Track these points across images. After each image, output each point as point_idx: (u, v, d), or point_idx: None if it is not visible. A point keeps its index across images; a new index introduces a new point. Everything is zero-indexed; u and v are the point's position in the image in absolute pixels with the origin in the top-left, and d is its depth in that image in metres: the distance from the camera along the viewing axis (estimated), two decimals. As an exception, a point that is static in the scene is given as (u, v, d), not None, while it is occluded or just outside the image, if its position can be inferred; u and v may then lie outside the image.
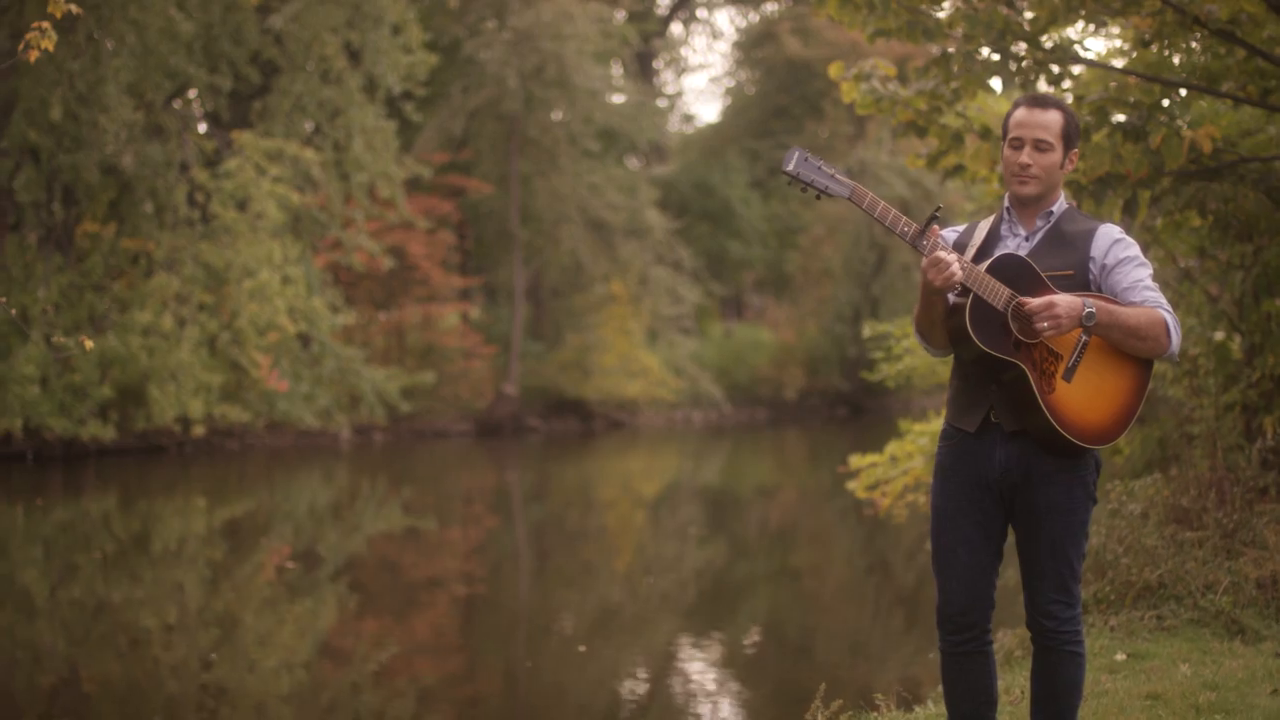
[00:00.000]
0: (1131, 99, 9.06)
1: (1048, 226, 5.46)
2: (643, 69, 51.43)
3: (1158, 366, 9.78)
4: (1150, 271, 5.42)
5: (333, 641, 12.71)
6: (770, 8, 53.02)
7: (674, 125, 55.93)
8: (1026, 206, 5.46)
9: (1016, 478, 5.34)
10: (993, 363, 5.28)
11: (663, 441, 35.97)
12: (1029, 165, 5.36)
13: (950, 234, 5.60)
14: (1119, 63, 10.65)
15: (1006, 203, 5.57)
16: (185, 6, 26.38)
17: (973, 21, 8.95)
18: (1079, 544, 5.41)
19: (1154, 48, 9.28)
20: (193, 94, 29.09)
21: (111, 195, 26.59)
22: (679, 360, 40.35)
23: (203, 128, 30.36)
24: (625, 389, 38.72)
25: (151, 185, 26.22)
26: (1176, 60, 9.41)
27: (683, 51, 57.99)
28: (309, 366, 29.48)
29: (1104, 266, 5.38)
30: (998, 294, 5.21)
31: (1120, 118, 9.17)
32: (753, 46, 51.58)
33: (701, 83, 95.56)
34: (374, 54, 29.58)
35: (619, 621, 13.92)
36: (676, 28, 56.50)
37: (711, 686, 11.13)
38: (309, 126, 29.82)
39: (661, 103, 53.22)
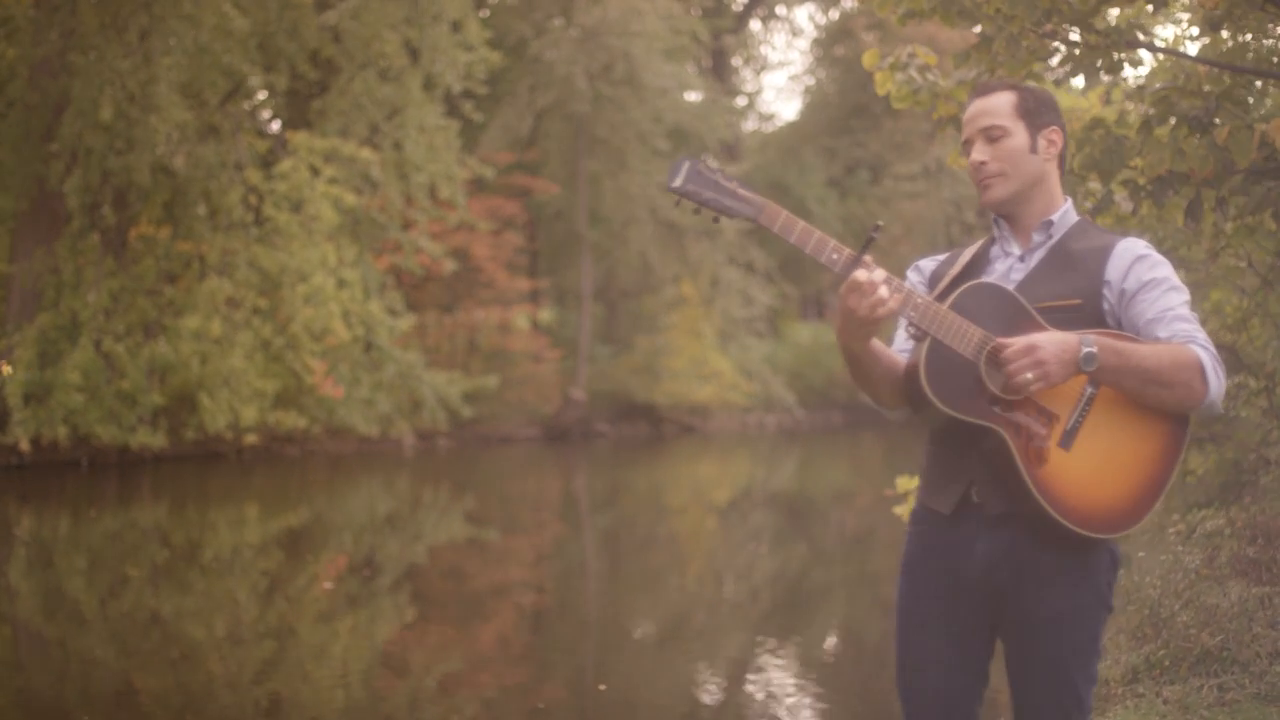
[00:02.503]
0: (1203, 88, 8.18)
1: (1049, 243, 4.34)
2: (719, 67, 51.25)
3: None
4: (1185, 298, 4.21)
5: (392, 652, 12.52)
6: (848, 4, 52.72)
7: (752, 124, 55.74)
8: (1018, 218, 4.36)
9: (1005, 577, 4.14)
10: (967, 426, 4.11)
11: (735, 446, 35.71)
12: (983, 162, 4.29)
13: (929, 264, 4.56)
14: (1191, 49, 9.53)
15: (994, 216, 4.46)
16: (240, 3, 26.29)
17: (1013, 0, 8.09)
18: (1088, 666, 4.20)
19: (1224, 31, 8.66)
20: (253, 93, 29.02)
21: (165, 197, 26.51)
22: (751, 363, 40.16)
23: (258, 128, 30.30)
24: (696, 393, 38.52)
25: (205, 187, 26.12)
26: (1250, 44, 8.81)
27: (761, 49, 57.73)
28: (368, 371, 29.34)
29: (1122, 293, 4.20)
30: (965, 336, 4.07)
31: (1186, 111, 8.56)
32: (831, 44, 51.36)
33: (781, 81, 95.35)
34: (433, 51, 29.42)
35: (691, 629, 13.71)
36: (756, 25, 56.24)
37: (790, 695, 10.85)
38: (368, 126, 29.69)
39: (739, 101, 53.05)
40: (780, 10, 56.81)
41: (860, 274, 3.95)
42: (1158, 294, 4.18)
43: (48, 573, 15.96)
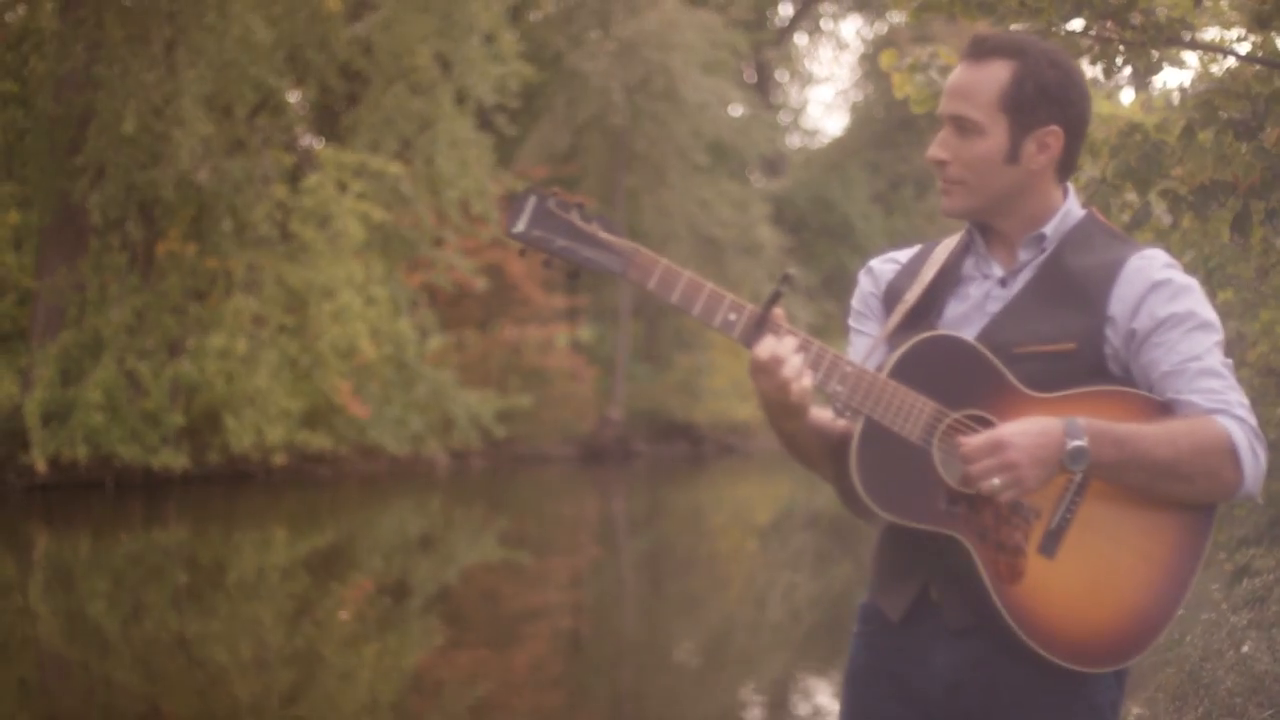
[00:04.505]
0: (1251, 90, 7.96)
1: (1040, 259, 3.40)
2: (762, 81, 51.27)
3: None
4: (1216, 338, 3.30)
5: (423, 676, 12.46)
6: (896, 17, 52.69)
7: (796, 139, 55.75)
8: (997, 231, 3.45)
9: (972, 701, 3.32)
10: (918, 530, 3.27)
11: (776, 466, 35.61)
12: (943, 161, 3.39)
13: (885, 268, 3.63)
14: (1241, 48, 9.34)
15: (969, 225, 3.56)
16: (268, 14, 26.29)
17: None
18: None
19: (1275, 30, 8.28)
20: (281, 106, 29.05)
21: (191, 213, 26.53)
22: (793, 382, 40.10)
23: (286, 142, 30.33)
24: (736, 412, 38.46)
25: (231, 202, 26.13)
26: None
27: (806, 64, 57.75)
28: (399, 390, 29.32)
29: (1131, 334, 3.28)
30: (911, 414, 3.22)
31: (1232, 114, 8.10)
32: (877, 57, 51.37)
33: (827, 96, 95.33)
34: (465, 64, 29.41)
35: (731, 653, 13.63)
36: (800, 39, 56.23)
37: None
38: (398, 140, 29.68)
39: (782, 116, 53.06)
40: (825, 24, 56.82)
41: (761, 348, 3.16)
42: (1177, 336, 3.26)
43: (70, 595, 15.95)
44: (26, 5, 26.54)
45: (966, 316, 3.42)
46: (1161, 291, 3.29)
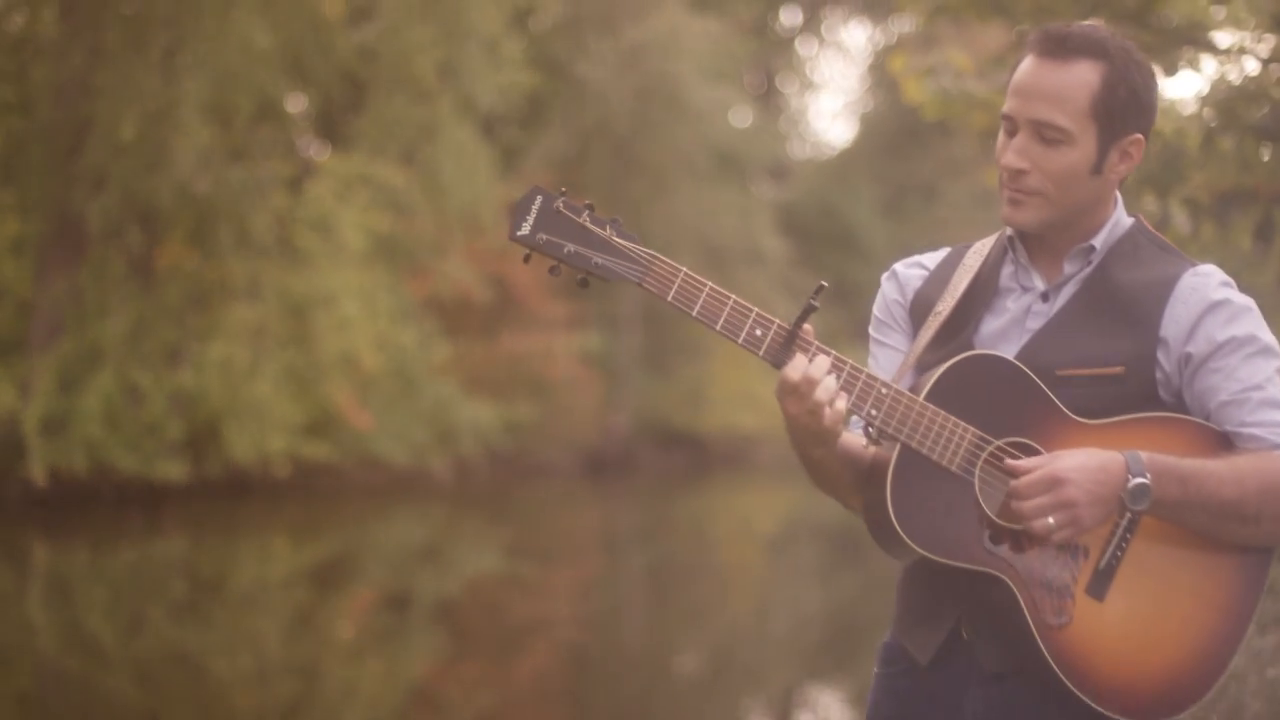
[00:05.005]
0: (1272, 94, 7.34)
1: (1086, 272, 3.17)
2: (768, 90, 51.31)
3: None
4: (1279, 364, 3.10)
5: (426, 689, 12.42)
6: (903, 24, 52.69)
7: (802, 148, 55.76)
8: (1047, 242, 3.20)
9: None
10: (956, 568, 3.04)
11: (782, 476, 35.57)
12: (1021, 171, 3.09)
13: (912, 274, 3.42)
14: (1264, 49, 9.09)
15: (1010, 231, 3.27)
16: (269, 21, 26.24)
17: None
18: None
19: None
20: (282, 114, 29.02)
21: (191, 221, 26.47)
22: (798, 390, 40.08)
23: (287, 149, 30.29)
24: (741, 422, 38.39)
25: (231, 210, 26.08)
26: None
27: (810, 73, 57.79)
28: (401, 401, 29.27)
29: (1185, 359, 3.07)
30: (951, 441, 3.00)
31: (1253, 119, 7.85)
32: (883, 65, 51.35)
33: (835, 106, 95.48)
34: (467, 72, 29.37)
35: (736, 665, 13.59)
36: (808, 48, 56.23)
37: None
38: (400, 148, 29.64)
39: (787, 124, 53.13)
40: (831, 32, 56.80)
41: (793, 369, 2.96)
42: (1237, 361, 3.05)
43: (69, 607, 15.91)
44: (27, 12, 26.48)
45: (1004, 332, 3.19)
46: (1219, 313, 3.08)
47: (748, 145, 41.17)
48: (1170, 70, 7.61)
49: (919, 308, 3.32)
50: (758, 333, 3.02)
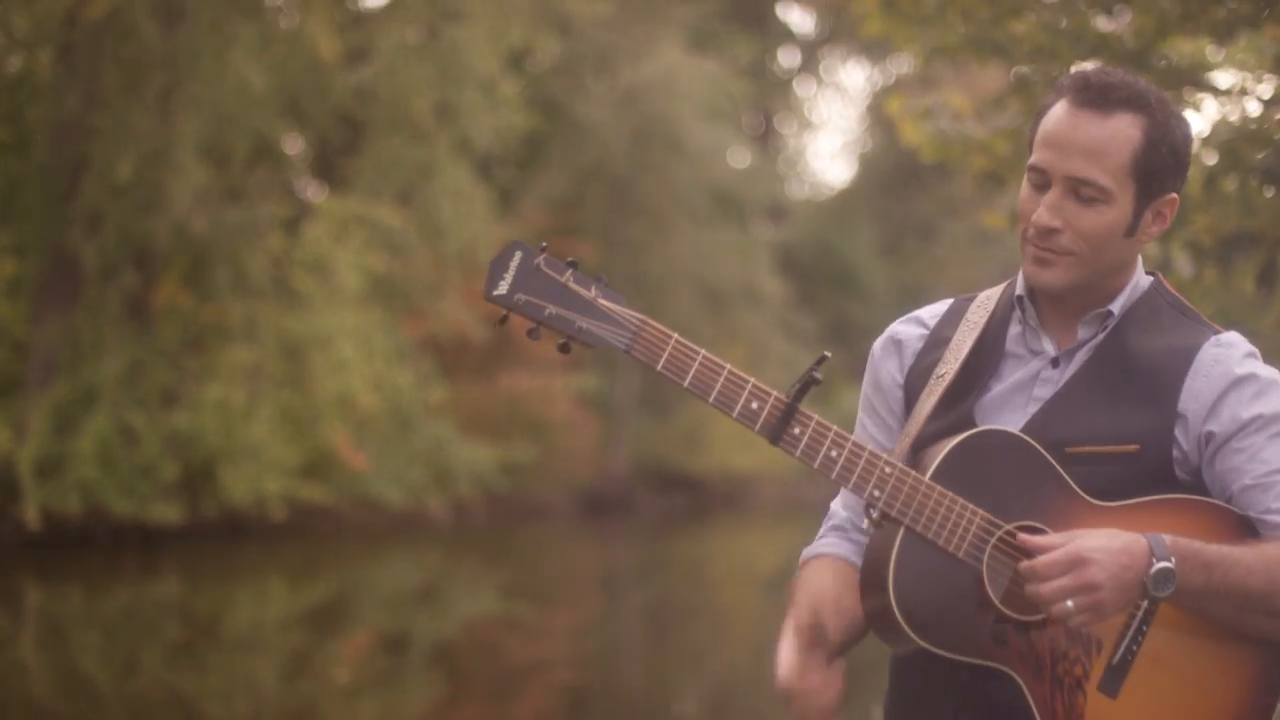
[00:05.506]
0: (1275, 136, 7.20)
1: (1100, 338, 2.96)
2: (766, 131, 51.40)
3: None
4: None
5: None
6: (901, 65, 52.80)
7: (801, 188, 55.85)
8: (1064, 304, 2.98)
9: None
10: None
11: (780, 517, 35.55)
12: (1054, 230, 2.87)
13: (913, 333, 3.17)
14: (1266, 90, 8.11)
15: (1019, 288, 3.04)
16: (265, 61, 26.28)
17: (1054, 33, 7.01)
18: None
19: None
20: (279, 155, 29.04)
21: (187, 262, 26.48)
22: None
23: (284, 190, 30.30)
24: (740, 462, 38.33)
25: (228, 251, 26.08)
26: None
27: (809, 113, 57.91)
28: (398, 442, 29.22)
29: (1207, 437, 2.88)
30: (958, 525, 2.80)
31: (1255, 161, 7.24)
32: (881, 106, 51.42)
33: (833, 145, 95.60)
34: (464, 112, 29.41)
35: (735, 707, 13.54)
36: (806, 88, 56.35)
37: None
38: (397, 189, 29.66)
39: (786, 165, 53.23)
40: (830, 73, 56.90)
41: (787, 672, 2.95)
42: (1262, 441, 2.85)
43: (63, 651, 15.85)
44: (25, 55, 26.53)
45: (1009, 401, 2.98)
46: (1245, 389, 2.88)
47: (746, 186, 41.23)
48: None
49: (918, 376, 3.09)
50: (754, 406, 2.77)
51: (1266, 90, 7.74)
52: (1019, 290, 3.02)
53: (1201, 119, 7.85)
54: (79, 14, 23.69)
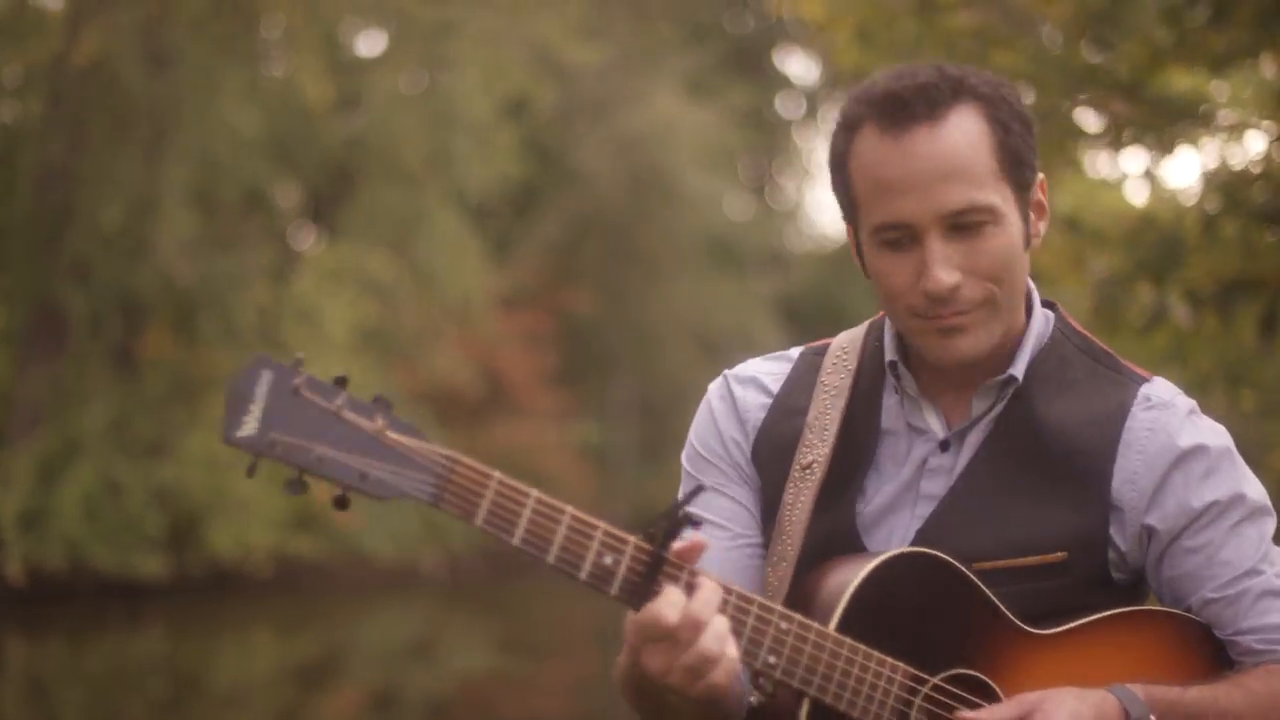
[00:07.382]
0: (1276, 177, 7.01)
1: (999, 409, 2.39)
2: (767, 180, 51.48)
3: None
4: (1273, 523, 2.39)
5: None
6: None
7: (800, 240, 55.89)
8: (953, 372, 2.39)
9: None
10: None
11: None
12: (954, 286, 2.27)
13: (752, 399, 2.54)
14: (1270, 126, 7.93)
15: (890, 352, 2.44)
16: (254, 108, 26.29)
17: (1041, 62, 6.74)
18: None
19: None
20: (268, 203, 29.03)
21: (174, 311, 26.43)
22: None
23: (273, 237, 30.29)
24: (737, 512, 38.29)
25: (215, 300, 26.04)
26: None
27: (808, 163, 58.04)
28: (390, 495, 29.10)
29: (1148, 533, 2.36)
30: (877, 689, 2.23)
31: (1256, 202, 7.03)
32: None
33: (832, 195, 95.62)
34: (457, 160, 29.42)
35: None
36: (805, 138, 56.44)
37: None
38: (388, 237, 29.66)
39: (784, 215, 53.31)
40: (829, 123, 56.91)
41: (667, 607, 2.08)
42: (1221, 535, 2.33)
43: (46, 706, 15.77)
44: (19, 106, 26.62)
45: (896, 502, 2.41)
46: (1192, 467, 2.33)
47: (744, 235, 41.26)
48: (1168, 148, 7.24)
49: (767, 451, 2.49)
50: (607, 561, 2.15)
51: (1271, 127, 7.54)
52: (890, 355, 2.44)
53: (1199, 154, 7.66)
54: (66, 60, 23.73)
